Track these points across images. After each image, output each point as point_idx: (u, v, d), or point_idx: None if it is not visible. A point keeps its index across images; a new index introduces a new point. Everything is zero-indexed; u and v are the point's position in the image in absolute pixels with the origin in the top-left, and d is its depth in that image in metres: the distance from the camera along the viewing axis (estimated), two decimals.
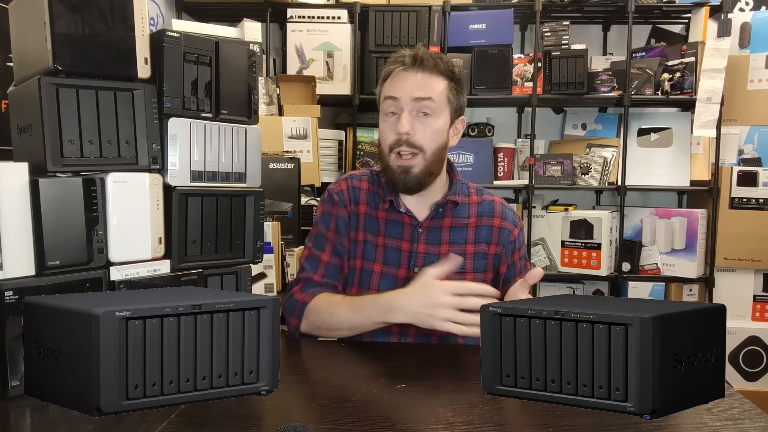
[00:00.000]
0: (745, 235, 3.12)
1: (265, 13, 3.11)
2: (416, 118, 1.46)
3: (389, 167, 1.49)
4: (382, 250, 1.53)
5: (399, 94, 1.46)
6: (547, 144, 3.44)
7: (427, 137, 1.46)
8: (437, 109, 1.47)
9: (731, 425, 0.96)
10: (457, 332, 1.30)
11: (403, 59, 1.48)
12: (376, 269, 1.53)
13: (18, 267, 1.06)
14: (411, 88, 1.46)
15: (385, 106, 1.50)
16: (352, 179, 1.59)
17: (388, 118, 1.49)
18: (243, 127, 1.35)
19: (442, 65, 1.48)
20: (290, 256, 2.28)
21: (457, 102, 1.52)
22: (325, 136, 3.10)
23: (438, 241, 1.53)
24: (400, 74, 1.48)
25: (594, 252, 3.15)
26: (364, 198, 1.57)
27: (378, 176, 1.58)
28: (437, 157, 1.48)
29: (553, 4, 3.14)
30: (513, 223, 1.58)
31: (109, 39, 1.16)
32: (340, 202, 1.56)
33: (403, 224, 1.54)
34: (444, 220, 1.55)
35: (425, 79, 1.46)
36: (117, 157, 1.18)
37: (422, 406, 1.04)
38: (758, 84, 3.23)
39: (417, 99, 1.45)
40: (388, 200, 1.53)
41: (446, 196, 1.54)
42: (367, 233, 1.54)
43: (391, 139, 1.47)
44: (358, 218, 1.55)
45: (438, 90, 1.47)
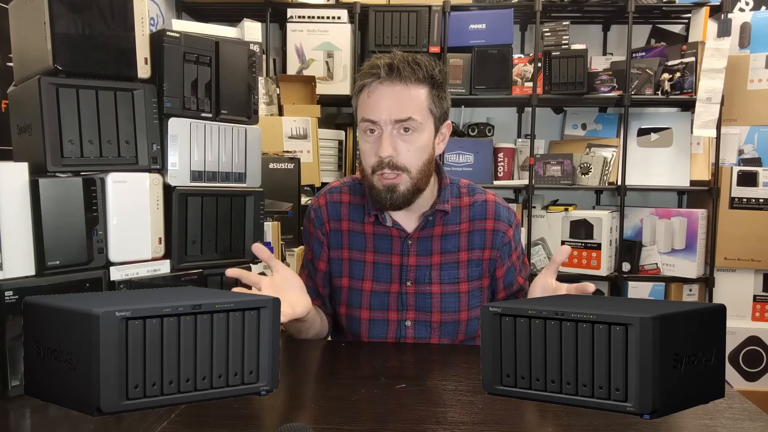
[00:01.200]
0: (745, 235, 3.12)
1: (265, 13, 3.11)
2: (398, 137, 1.36)
3: (373, 187, 1.39)
4: (371, 267, 1.48)
5: (377, 117, 1.35)
6: (547, 144, 3.44)
7: (411, 156, 1.37)
8: (420, 123, 1.36)
9: (731, 425, 0.96)
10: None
11: (378, 71, 1.35)
12: (366, 287, 1.48)
13: (18, 267, 1.06)
14: (389, 109, 1.34)
15: (362, 126, 1.39)
16: (332, 194, 1.53)
17: (368, 137, 1.38)
18: (243, 127, 1.35)
19: (420, 72, 1.36)
20: (290, 256, 2.28)
21: (441, 109, 1.41)
22: (325, 136, 3.10)
23: (429, 251, 1.47)
24: (376, 90, 1.36)
25: (594, 252, 3.15)
26: (346, 213, 1.50)
27: (361, 185, 1.50)
28: (424, 173, 1.40)
29: (553, 4, 3.14)
30: (507, 223, 1.50)
31: (109, 39, 1.16)
32: (316, 220, 1.51)
33: (392, 237, 1.47)
34: (434, 228, 1.47)
35: (404, 92, 1.35)
36: (117, 157, 1.18)
37: (422, 406, 1.04)
38: (758, 84, 3.23)
39: (397, 121, 1.34)
40: (373, 214, 1.46)
41: (435, 205, 1.46)
42: (353, 251, 1.49)
43: (373, 161, 1.37)
44: (341, 236, 1.49)
45: (418, 103, 1.36)
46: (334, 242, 1.51)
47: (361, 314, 1.48)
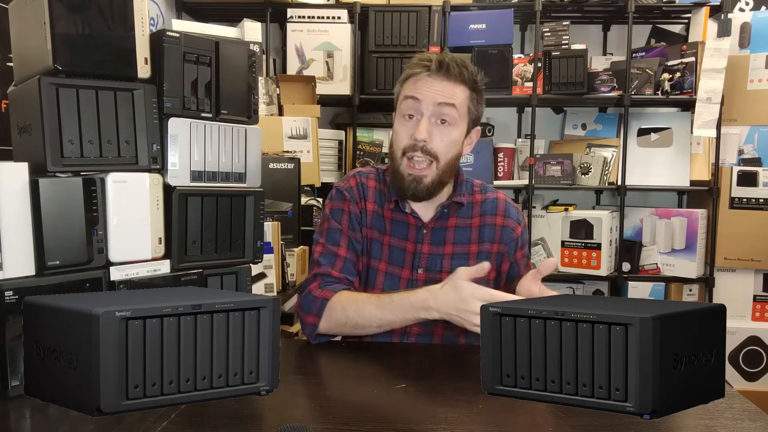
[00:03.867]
0: (745, 235, 3.13)
1: (265, 13, 3.11)
2: (435, 126, 1.43)
3: (399, 172, 1.46)
4: (387, 249, 1.53)
5: (422, 97, 1.43)
6: (547, 144, 3.44)
7: (443, 146, 1.44)
8: (457, 118, 1.44)
9: (731, 425, 0.96)
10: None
11: (429, 64, 1.44)
12: (381, 268, 1.52)
13: (18, 267, 1.06)
14: (434, 93, 1.43)
15: (404, 107, 1.46)
16: (360, 176, 1.57)
17: (405, 121, 1.46)
18: (243, 127, 1.35)
19: (466, 74, 1.45)
20: (290, 256, 2.28)
21: (477, 112, 1.50)
22: (325, 136, 3.10)
23: (442, 241, 1.53)
24: (423, 78, 1.44)
25: (594, 252, 3.15)
26: (372, 196, 1.55)
27: (384, 175, 1.57)
28: (450, 167, 1.47)
29: (553, 4, 3.14)
30: (516, 221, 1.57)
31: (109, 39, 1.16)
32: (351, 198, 1.54)
33: (408, 224, 1.53)
34: (449, 220, 1.54)
35: (449, 86, 1.44)
36: (117, 157, 1.18)
37: (422, 406, 1.04)
38: (758, 84, 3.23)
39: (440, 104, 1.43)
40: (393, 200, 1.52)
41: (451, 198, 1.53)
42: (374, 231, 1.53)
43: (406, 142, 1.44)
44: (367, 215, 1.54)
45: (460, 99, 1.45)
46: (363, 220, 1.54)
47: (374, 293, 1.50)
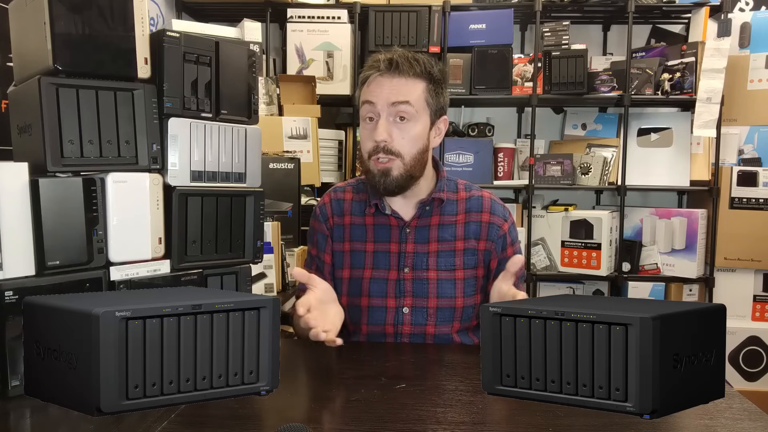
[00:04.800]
0: (745, 235, 3.12)
1: (265, 13, 3.11)
2: (393, 124, 1.45)
3: (369, 171, 1.49)
4: (372, 255, 1.54)
5: (375, 99, 1.45)
6: (547, 144, 3.44)
7: (405, 143, 1.45)
8: (415, 114, 1.45)
9: (731, 425, 0.96)
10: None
11: (378, 64, 1.46)
12: (366, 275, 1.53)
13: (18, 267, 1.06)
14: (387, 93, 1.44)
15: (363, 111, 1.49)
16: (336, 192, 1.62)
17: (366, 124, 1.48)
18: (243, 127, 1.35)
19: (418, 67, 1.46)
20: (290, 256, 2.28)
21: (437, 103, 1.50)
22: (325, 136, 3.10)
23: (426, 239, 1.53)
24: (376, 80, 1.47)
25: (594, 252, 3.15)
26: (349, 208, 1.58)
27: (364, 184, 1.59)
28: (417, 161, 1.47)
29: (553, 4, 3.14)
30: (502, 218, 1.56)
31: (109, 39, 1.16)
32: (321, 216, 1.60)
33: (390, 226, 1.54)
34: (432, 218, 1.54)
35: (401, 83, 1.45)
36: (117, 157, 1.18)
37: (422, 406, 1.04)
38: (758, 84, 3.23)
39: (394, 104, 1.44)
40: (373, 204, 1.54)
41: (431, 194, 1.53)
42: (354, 242, 1.56)
43: (369, 146, 1.47)
44: (343, 230, 1.57)
45: (416, 94, 1.45)
46: (336, 236, 1.58)
47: (361, 302, 1.53)
